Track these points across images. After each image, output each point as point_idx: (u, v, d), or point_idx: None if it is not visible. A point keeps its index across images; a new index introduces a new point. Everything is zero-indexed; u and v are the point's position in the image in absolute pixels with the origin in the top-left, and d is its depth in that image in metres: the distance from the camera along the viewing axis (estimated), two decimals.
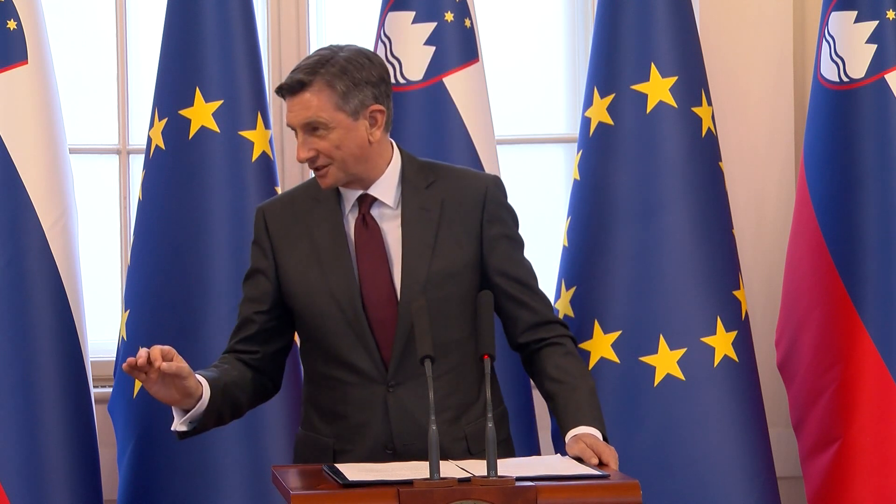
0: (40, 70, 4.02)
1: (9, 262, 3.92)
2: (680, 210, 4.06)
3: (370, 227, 3.28)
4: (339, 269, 3.26)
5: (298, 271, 3.29)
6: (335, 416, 3.29)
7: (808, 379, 4.22)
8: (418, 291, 3.22)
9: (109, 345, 4.25)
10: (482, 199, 3.31)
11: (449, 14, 4.10)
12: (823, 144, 4.22)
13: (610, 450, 3.10)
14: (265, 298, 3.34)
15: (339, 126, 3.21)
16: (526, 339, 3.34)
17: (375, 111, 3.24)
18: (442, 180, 3.32)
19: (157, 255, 4.04)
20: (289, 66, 4.49)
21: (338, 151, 3.22)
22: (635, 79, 4.10)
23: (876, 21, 4.14)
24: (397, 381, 3.24)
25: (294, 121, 3.23)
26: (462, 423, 3.28)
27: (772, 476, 4.09)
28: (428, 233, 3.27)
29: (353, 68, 3.22)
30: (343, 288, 3.25)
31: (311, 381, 3.36)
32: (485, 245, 3.30)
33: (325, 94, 3.20)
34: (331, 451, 3.29)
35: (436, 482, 2.81)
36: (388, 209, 3.29)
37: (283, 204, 3.38)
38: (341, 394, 3.28)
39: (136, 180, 4.39)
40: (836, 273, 4.16)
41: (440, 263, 3.26)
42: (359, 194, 3.29)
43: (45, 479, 3.88)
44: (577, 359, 3.33)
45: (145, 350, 3.08)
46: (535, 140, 4.68)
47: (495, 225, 3.32)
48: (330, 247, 3.28)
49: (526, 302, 3.33)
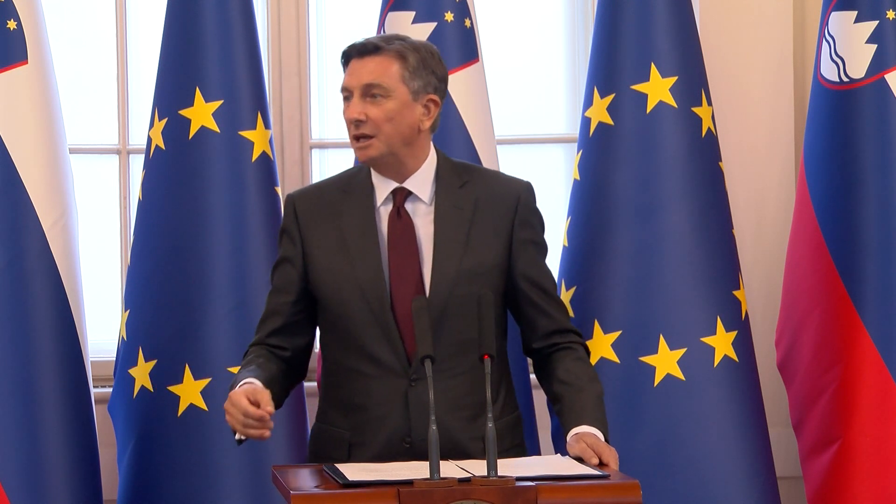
0: (40, 70, 4.02)
1: (9, 263, 3.92)
2: (680, 210, 4.06)
3: (403, 221, 3.29)
4: (368, 260, 3.27)
5: (326, 260, 3.29)
6: (354, 408, 3.29)
7: (808, 379, 4.22)
8: (446, 288, 3.23)
9: (109, 345, 4.25)
10: (515, 203, 3.35)
11: (449, 14, 4.10)
12: (823, 144, 4.22)
13: (610, 450, 3.11)
14: (291, 288, 3.34)
15: (397, 98, 3.25)
16: (540, 345, 3.38)
17: (432, 101, 3.29)
18: (476, 181, 3.35)
19: (157, 255, 4.03)
20: (289, 66, 4.50)
21: (388, 124, 3.24)
22: (635, 79, 4.10)
23: (876, 21, 4.14)
24: (419, 375, 3.23)
25: (355, 82, 3.25)
26: (479, 422, 3.27)
27: (772, 476, 4.09)
28: (460, 230, 3.29)
29: (427, 54, 3.31)
30: (371, 279, 3.26)
31: (330, 373, 3.36)
32: (514, 248, 3.33)
33: (395, 64, 3.25)
34: (346, 444, 3.29)
35: (436, 482, 2.81)
36: (421, 204, 3.31)
37: (313, 193, 3.39)
38: (362, 386, 3.28)
39: (136, 180, 4.39)
40: (836, 273, 4.16)
41: (470, 261, 3.28)
42: (393, 187, 3.30)
43: (45, 479, 3.88)
44: (587, 364, 3.35)
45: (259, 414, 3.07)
46: (535, 140, 4.68)
47: (525, 229, 3.35)
48: (359, 237, 3.29)
49: (546, 309, 3.36)
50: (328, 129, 4.60)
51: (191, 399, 3.96)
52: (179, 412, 3.97)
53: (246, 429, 3.08)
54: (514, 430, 3.37)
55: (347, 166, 4.26)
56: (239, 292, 3.98)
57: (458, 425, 3.20)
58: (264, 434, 3.08)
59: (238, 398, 3.09)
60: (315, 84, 4.56)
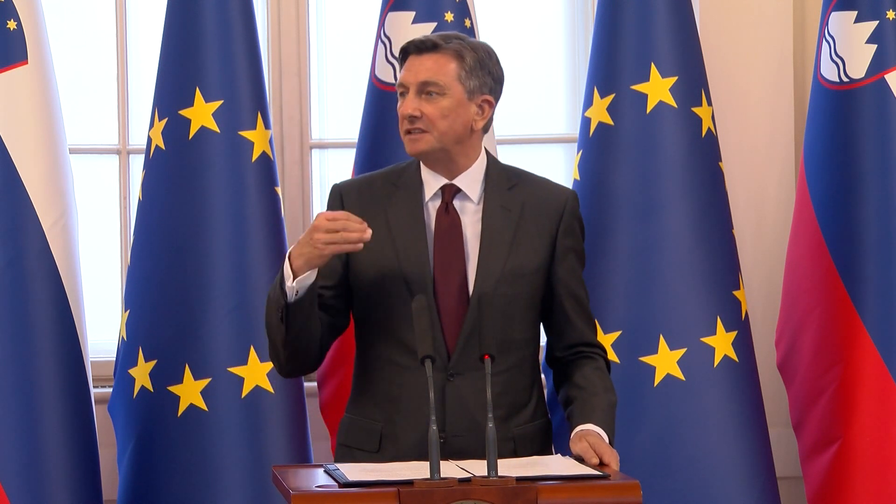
0: (40, 70, 4.01)
1: (9, 263, 3.92)
2: (680, 210, 4.06)
3: (451, 217, 3.30)
4: (414, 253, 3.28)
5: (371, 251, 3.26)
6: (389, 399, 3.29)
7: (808, 379, 4.22)
8: (490, 286, 3.24)
9: (109, 345, 4.25)
10: (562, 210, 3.36)
11: (449, 14, 4.10)
12: (823, 144, 4.22)
13: (612, 451, 3.11)
14: (332, 274, 3.32)
15: (452, 96, 3.26)
16: (563, 354, 3.39)
17: (486, 101, 3.31)
18: (524, 185, 3.37)
19: (157, 255, 4.03)
20: (289, 66, 4.50)
21: (442, 121, 3.25)
22: (635, 79, 4.10)
23: (876, 21, 4.14)
24: (457, 370, 3.25)
25: (411, 78, 3.26)
26: (511, 424, 3.29)
27: (772, 476, 4.09)
28: (507, 231, 3.30)
29: (485, 54, 3.32)
30: (416, 272, 3.26)
31: (365, 364, 3.35)
32: (557, 254, 3.35)
33: (452, 62, 3.27)
34: (378, 436, 3.29)
35: (436, 482, 2.81)
36: (469, 203, 3.32)
37: (360, 184, 3.40)
38: (398, 377, 3.28)
39: (136, 180, 4.39)
40: (836, 273, 4.16)
41: (515, 262, 3.29)
42: (443, 183, 3.31)
43: (45, 479, 3.88)
44: (604, 374, 3.37)
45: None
46: (535, 140, 4.68)
47: (570, 237, 3.37)
48: (406, 231, 3.29)
49: (576, 321, 3.38)
50: (328, 129, 4.60)
51: (191, 399, 3.96)
52: (179, 412, 3.96)
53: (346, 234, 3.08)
54: (545, 435, 3.38)
55: (347, 167, 4.28)
56: (239, 292, 3.98)
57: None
58: (364, 234, 3.08)
59: (320, 217, 3.10)
60: (315, 84, 4.56)
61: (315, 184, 4.56)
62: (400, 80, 3.30)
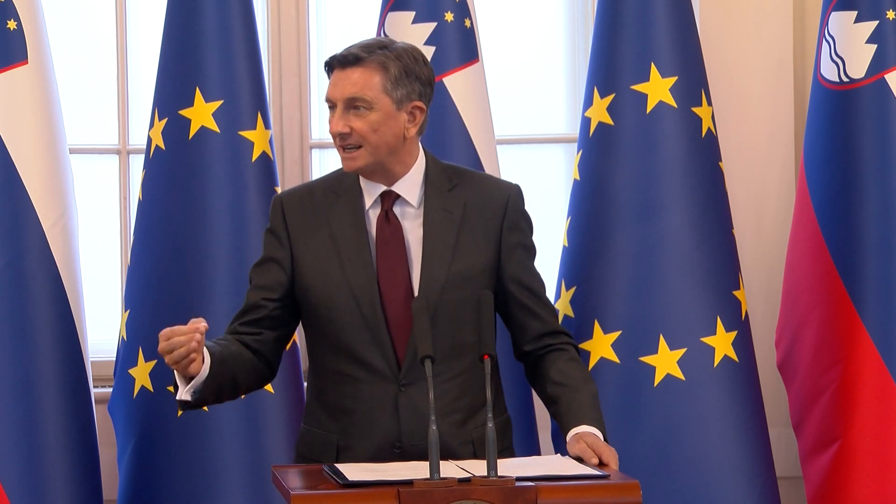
0: (40, 70, 4.02)
1: (9, 263, 3.92)
2: (680, 210, 4.06)
3: (392, 224, 3.27)
4: (359, 263, 3.25)
5: (316, 264, 3.26)
6: (342, 411, 3.28)
7: (808, 379, 4.22)
8: (436, 292, 3.22)
9: (109, 345, 4.25)
10: (504, 206, 3.33)
11: (449, 14, 4.10)
12: (823, 144, 4.22)
13: (610, 450, 3.10)
14: (276, 287, 3.30)
15: (380, 109, 3.22)
16: (531, 347, 3.36)
17: (416, 108, 3.26)
18: (465, 184, 3.33)
19: (157, 255, 4.04)
20: (289, 66, 4.50)
21: (373, 135, 3.21)
22: (635, 79, 4.10)
23: (876, 21, 4.15)
24: (409, 380, 3.23)
25: (338, 94, 3.23)
26: (469, 426, 3.28)
27: (772, 476, 4.09)
28: (449, 234, 3.27)
29: (409, 60, 3.25)
30: (362, 283, 3.24)
31: (317, 376, 3.34)
32: (503, 252, 3.31)
33: (377, 75, 3.21)
34: (334, 448, 3.27)
35: (436, 482, 2.81)
36: (410, 208, 3.29)
37: (301, 195, 3.36)
38: (351, 389, 3.26)
39: (136, 180, 4.39)
40: (836, 273, 4.16)
41: (459, 265, 3.26)
42: (381, 190, 3.29)
43: (45, 479, 3.88)
44: (580, 364, 3.34)
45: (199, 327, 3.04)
46: (535, 140, 4.68)
47: (515, 233, 3.33)
48: (350, 241, 3.27)
49: (536, 311, 3.34)
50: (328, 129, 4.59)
51: None
52: (179, 412, 3.95)
53: (172, 351, 3.00)
54: (504, 433, 3.35)
55: None
56: (239, 292, 3.94)
57: (448, 430, 3.17)
58: (192, 340, 3.00)
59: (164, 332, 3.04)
60: (315, 84, 4.56)
61: None
62: (327, 96, 3.25)
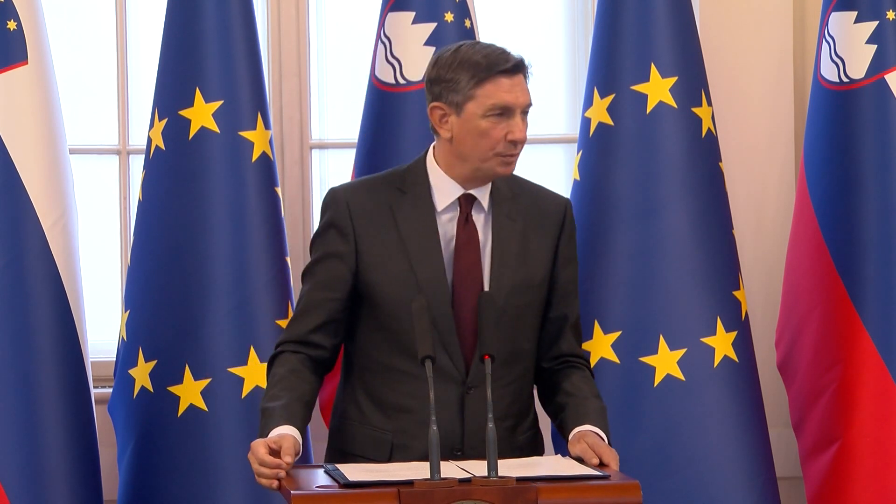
0: (40, 70, 4.01)
1: (9, 263, 3.92)
2: (680, 210, 4.06)
3: (470, 228, 3.27)
4: (429, 263, 3.23)
5: (383, 259, 3.23)
6: (399, 410, 3.25)
7: (808, 379, 4.22)
8: (503, 297, 3.22)
9: (109, 345, 4.25)
10: (562, 218, 3.36)
11: (449, 14, 4.10)
12: (823, 145, 4.22)
13: (611, 451, 3.11)
14: (339, 285, 3.25)
15: None
16: (549, 364, 3.37)
17: None
18: (523, 193, 3.36)
19: (157, 255, 4.03)
20: (289, 66, 4.50)
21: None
22: (635, 79, 4.10)
23: (876, 21, 4.15)
24: (475, 383, 3.22)
25: (521, 101, 3.25)
26: (517, 433, 3.30)
27: (772, 476, 4.09)
28: (515, 242, 3.28)
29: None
30: (433, 283, 3.22)
31: (371, 373, 3.28)
32: (558, 263, 3.34)
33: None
34: (388, 446, 3.25)
35: (436, 482, 2.81)
36: (481, 213, 3.29)
37: (365, 188, 3.31)
38: (410, 388, 3.22)
39: (136, 180, 4.39)
40: (836, 273, 4.16)
41: (524, 273, 3.28)
42: (460, 192, 3.26)
43: (45, 479, 3.88)
44: (593, 383, 3.36)
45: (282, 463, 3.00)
46: (535, 140, 4.67)
47: (570, 246, 3.37)
48: (420, 239, 3.24)
49: (568, 334, 3.37)
50: (328, 129, 4.60)
51: (191, 399, 3.96)
52: (179, 412, 3.97)
53: (259, 478, 3.00)
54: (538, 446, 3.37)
55: (347, 167, 4.28)
56: (239, 292, 3.98)
57: (502, 435, 3.09)
58: (272, 485, 2.98)
59: (256, 447, 3.02)
60: (315, 84, 4.56)
61: (315, 184, 4.56)
62: (508, 102, 3.22)
